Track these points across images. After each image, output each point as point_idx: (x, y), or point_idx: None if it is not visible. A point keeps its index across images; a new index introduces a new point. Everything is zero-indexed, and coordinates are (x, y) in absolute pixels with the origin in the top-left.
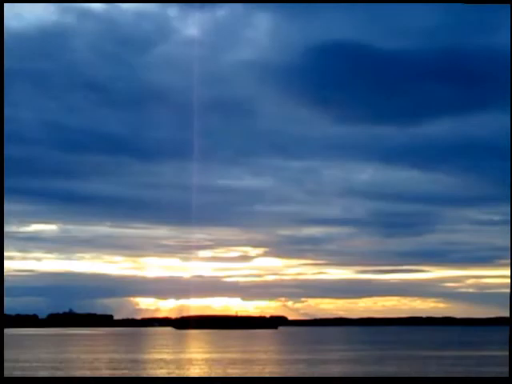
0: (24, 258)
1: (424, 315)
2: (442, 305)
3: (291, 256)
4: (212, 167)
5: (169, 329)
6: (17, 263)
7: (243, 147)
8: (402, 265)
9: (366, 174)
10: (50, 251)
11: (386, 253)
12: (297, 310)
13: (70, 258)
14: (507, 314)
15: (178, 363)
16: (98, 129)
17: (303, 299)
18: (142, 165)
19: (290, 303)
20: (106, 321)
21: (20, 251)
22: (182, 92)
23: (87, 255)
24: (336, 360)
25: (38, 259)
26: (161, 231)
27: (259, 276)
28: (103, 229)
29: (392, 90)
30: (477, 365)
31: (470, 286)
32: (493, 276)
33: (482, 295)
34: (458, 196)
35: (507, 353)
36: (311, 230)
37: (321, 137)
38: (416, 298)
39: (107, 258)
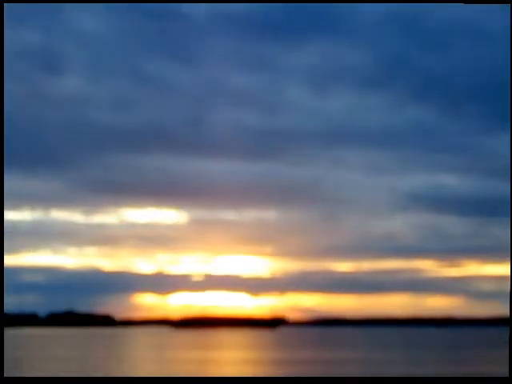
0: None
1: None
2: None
3: (299, 249)
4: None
5: (168, 328)
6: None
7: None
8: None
9: None
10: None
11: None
12: (302, 308)
13: (56, 253)
14: None
15: (172, 363)
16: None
17: (311, 296)
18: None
19: (294, 301)
20: (105, 320)
21: None
22: None
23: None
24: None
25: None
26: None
27: (265, 272)
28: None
29: None
30: None
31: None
32: None
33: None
34: None
35: None
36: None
37: None
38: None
39: (98, 250)
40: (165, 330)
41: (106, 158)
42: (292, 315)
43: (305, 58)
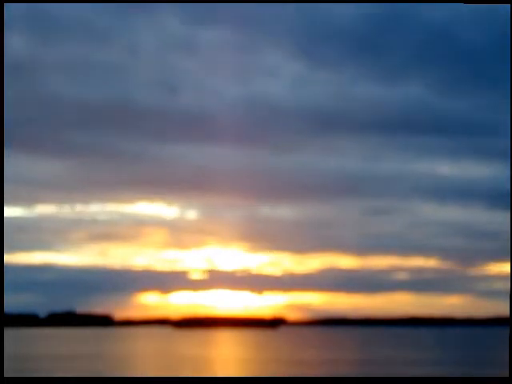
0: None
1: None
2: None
3: (301, 246)
4: None
5: (168, 328)
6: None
7: None
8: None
9: None
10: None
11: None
12: (304, 306)
13: (55, 252)
14: None
15: (174, 363)
16: None
17: (313, 295)
18: None
19: (297, 299)
20: (105, 320)
21: None
22: None
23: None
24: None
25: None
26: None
27: (268, 269)
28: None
29: None
30: None
31: None
32: None
33: None
34: None
35: None
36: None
37: None
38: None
39: (94, 247)
40: (165, 330)
41: (78, 141)
42: (294, 314)
43: (285, 11)
